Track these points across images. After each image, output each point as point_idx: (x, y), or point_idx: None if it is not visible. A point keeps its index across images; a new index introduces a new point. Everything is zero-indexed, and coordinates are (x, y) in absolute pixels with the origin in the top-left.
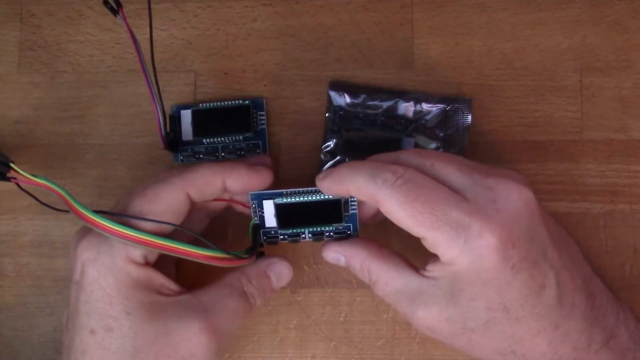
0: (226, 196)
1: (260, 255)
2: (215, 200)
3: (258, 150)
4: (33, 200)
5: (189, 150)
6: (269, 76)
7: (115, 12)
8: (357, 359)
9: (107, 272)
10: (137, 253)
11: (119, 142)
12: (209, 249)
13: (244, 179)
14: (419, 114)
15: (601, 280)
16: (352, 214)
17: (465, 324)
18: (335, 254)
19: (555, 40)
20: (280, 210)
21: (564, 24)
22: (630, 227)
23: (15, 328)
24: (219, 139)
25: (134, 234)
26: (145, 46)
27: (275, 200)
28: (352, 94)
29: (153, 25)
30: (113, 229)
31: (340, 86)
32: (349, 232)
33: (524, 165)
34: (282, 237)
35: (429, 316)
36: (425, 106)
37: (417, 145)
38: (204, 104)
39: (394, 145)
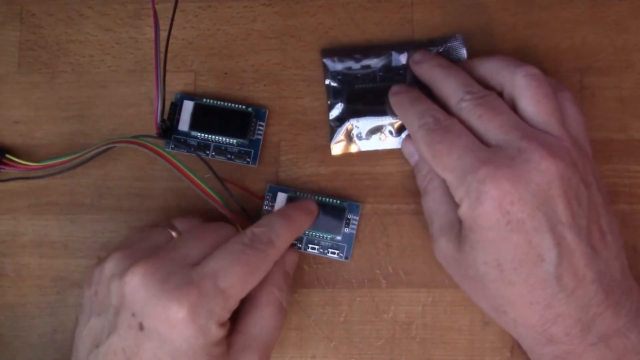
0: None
1: None
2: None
3: (248, 159)
4: (33, 200)
5: (181, 139)
6: (269, 76)
7: None
8: (357, 359)
9: (200, 334)
10: (226, 316)
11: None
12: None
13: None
14: None
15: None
16: (350, 233)
17: (467, 271)
18: (413, 149)
19: (555, 40)
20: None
21: (564, 24)
22: (630, 227)
23: (15, 328)
24: (212, 137)
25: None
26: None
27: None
28: (346, 57)
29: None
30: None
31: (332, 52)
32: (342, 245)
33: None
34: None
35: (445, 250)
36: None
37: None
38: (208, 100)
39: None
